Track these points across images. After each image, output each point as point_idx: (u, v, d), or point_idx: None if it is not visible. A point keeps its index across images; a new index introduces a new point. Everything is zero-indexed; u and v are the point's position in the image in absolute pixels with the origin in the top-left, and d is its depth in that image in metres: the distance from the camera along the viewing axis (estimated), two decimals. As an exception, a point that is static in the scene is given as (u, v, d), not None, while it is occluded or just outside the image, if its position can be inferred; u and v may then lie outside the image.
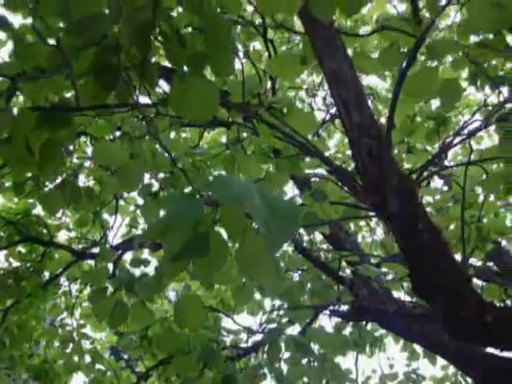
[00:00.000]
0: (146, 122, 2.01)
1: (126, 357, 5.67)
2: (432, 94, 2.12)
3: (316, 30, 2.23)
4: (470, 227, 3.25)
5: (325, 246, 4.06)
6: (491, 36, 2.10)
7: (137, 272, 2.95)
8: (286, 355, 3.75)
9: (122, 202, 4.67)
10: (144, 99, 2.21)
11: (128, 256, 4.40)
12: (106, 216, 4.56)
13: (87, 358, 4.80)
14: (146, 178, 3.23)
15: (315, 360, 3.52)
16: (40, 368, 4.61)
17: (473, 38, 2.20)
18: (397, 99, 2.11)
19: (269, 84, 3.42)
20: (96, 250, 4.40)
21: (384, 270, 3.82)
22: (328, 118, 4.91)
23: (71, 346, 4.64)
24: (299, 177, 3.27)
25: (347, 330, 4.46)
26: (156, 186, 3.37)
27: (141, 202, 3.86)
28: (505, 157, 2.46)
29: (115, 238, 6.55)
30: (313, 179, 2.59)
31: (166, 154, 2.65)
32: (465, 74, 2.56)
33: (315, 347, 3.94)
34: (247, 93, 2.33)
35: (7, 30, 1.74)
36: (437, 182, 6.77)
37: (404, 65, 1.95)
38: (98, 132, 2.76)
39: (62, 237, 4.94)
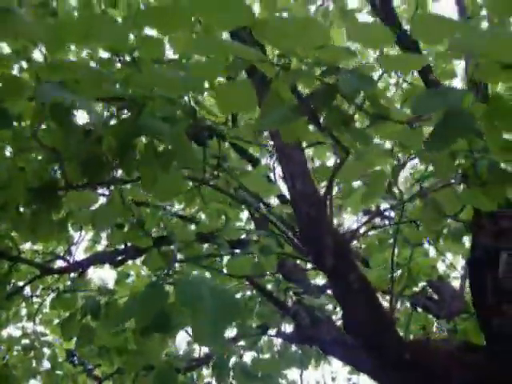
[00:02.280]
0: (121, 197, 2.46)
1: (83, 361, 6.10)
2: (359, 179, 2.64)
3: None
4: (402, 268, 3.82)
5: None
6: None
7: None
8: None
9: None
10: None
11: (91, 271, 4.84)
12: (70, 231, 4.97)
13: (47, 364, 5.24)
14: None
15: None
16: (0, 372, 5.01)
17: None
18: (336, 172, 2.61)
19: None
20: (61, 263, 4.83)
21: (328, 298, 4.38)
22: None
23: (32, 352, 5.06)
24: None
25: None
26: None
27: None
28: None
29: (78, 251, 6.96)
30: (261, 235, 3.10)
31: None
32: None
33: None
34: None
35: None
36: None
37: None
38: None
39: (27, 249, 5.32)
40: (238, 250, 3.49)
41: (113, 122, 1.99)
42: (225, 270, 3.12)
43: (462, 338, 4.09)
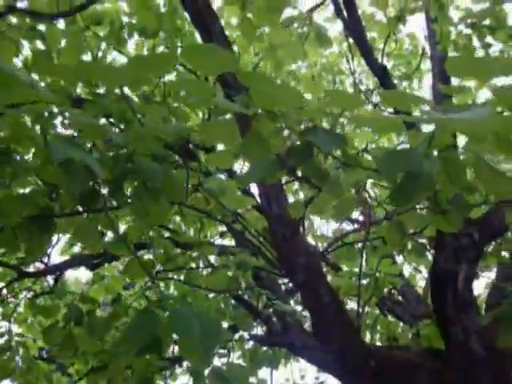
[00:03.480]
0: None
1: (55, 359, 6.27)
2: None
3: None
4: (370, 277, 4.11)
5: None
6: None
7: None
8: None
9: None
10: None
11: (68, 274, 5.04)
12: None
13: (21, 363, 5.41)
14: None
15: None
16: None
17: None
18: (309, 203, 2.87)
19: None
20: (39, 265, 5.00)
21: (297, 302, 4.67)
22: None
23: (8, 352, 5.23)
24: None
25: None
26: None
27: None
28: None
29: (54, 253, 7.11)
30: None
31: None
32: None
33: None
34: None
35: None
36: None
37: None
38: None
39: (2, 251, 5.46)
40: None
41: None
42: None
43: (425, 342, 4.43)
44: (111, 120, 2.30)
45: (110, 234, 3.99)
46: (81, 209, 2.53)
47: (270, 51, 3.79)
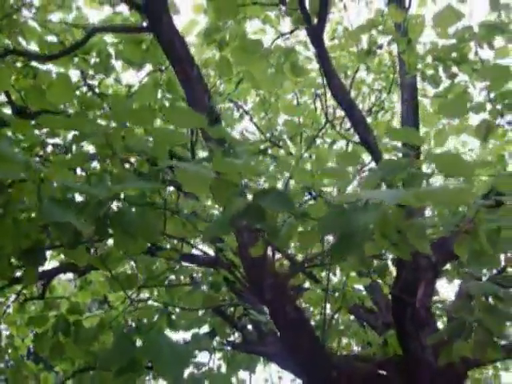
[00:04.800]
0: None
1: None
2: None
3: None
4: (338, 291, 4.53)
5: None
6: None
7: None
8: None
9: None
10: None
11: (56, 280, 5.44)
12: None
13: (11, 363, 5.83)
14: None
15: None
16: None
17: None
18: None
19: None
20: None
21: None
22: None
23: (-2, 353, 5.64)
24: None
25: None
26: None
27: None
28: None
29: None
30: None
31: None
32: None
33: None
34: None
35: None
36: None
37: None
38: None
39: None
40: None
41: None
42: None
43: (391, 351, 4.86)
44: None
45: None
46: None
47: (248, 82, 4.16)
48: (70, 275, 6.32)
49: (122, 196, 2.57)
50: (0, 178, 2.30)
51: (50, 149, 3.94)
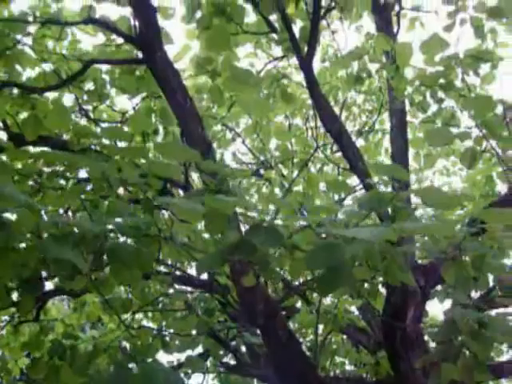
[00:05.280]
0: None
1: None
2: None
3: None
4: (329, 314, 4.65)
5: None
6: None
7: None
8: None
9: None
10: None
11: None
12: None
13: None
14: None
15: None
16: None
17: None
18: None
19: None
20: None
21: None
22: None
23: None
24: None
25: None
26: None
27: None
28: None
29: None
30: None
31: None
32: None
33: None
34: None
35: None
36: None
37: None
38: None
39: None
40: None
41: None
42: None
43: (383, 371, 4.96)
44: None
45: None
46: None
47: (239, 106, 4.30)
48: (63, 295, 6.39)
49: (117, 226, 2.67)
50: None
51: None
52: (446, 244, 2.81)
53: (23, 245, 3.07)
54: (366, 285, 4.61)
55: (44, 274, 3.22)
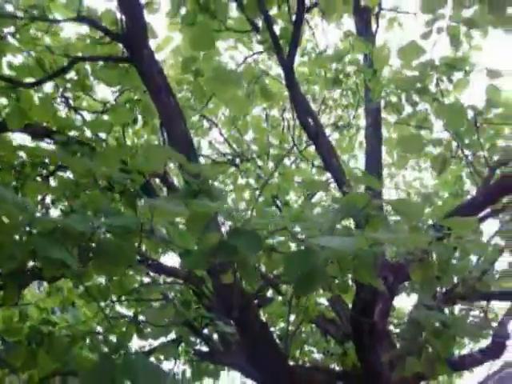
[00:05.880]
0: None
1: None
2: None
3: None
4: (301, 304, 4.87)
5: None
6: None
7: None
8: None
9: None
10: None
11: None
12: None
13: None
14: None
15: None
16: None
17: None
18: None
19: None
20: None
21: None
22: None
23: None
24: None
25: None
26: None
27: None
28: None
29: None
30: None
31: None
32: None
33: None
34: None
35: None
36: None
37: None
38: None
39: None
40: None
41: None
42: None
43: (350, 361, 5.20)
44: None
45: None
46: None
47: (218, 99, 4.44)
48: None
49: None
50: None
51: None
52: (414, 246, 3.02)
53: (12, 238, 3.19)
54: (336, 280, 4.83)
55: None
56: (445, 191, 6.21)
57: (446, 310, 4.01)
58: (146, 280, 4.79)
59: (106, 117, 4.94)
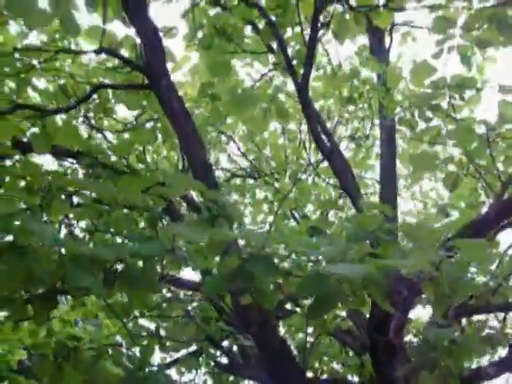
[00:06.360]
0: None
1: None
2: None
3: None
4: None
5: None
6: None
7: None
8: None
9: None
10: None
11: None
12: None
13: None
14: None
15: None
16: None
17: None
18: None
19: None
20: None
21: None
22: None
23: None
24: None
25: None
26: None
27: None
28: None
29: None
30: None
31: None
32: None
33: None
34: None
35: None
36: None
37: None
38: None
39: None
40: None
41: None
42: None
43: (368, 373, 5.35)
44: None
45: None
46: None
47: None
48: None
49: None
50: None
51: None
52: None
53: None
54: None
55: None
56: (460, 202, 6.33)
57: (460, 326, 4.14)
58: (168, 295, 4.98)
59: (126, 135, 5.16)
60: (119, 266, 3.20)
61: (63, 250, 2.73)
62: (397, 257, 2.74)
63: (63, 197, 4.63)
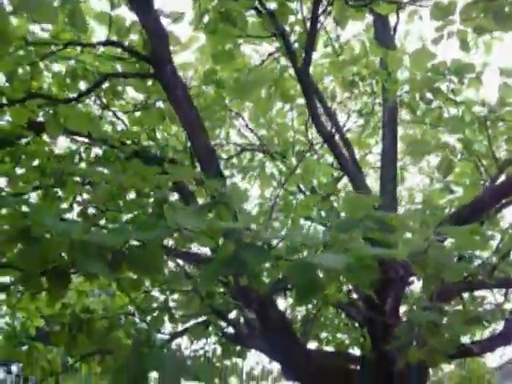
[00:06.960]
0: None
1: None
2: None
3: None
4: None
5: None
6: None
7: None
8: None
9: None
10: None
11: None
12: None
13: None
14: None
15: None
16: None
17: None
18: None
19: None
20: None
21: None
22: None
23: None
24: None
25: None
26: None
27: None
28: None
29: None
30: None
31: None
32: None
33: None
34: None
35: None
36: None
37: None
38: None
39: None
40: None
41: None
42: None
43: (368, 345, 5.64)
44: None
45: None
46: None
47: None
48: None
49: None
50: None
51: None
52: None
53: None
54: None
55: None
56: (464, 179, 6.51)
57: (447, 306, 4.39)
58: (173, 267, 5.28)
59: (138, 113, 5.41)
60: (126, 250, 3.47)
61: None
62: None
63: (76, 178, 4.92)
